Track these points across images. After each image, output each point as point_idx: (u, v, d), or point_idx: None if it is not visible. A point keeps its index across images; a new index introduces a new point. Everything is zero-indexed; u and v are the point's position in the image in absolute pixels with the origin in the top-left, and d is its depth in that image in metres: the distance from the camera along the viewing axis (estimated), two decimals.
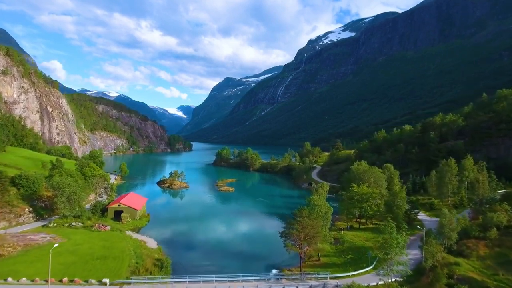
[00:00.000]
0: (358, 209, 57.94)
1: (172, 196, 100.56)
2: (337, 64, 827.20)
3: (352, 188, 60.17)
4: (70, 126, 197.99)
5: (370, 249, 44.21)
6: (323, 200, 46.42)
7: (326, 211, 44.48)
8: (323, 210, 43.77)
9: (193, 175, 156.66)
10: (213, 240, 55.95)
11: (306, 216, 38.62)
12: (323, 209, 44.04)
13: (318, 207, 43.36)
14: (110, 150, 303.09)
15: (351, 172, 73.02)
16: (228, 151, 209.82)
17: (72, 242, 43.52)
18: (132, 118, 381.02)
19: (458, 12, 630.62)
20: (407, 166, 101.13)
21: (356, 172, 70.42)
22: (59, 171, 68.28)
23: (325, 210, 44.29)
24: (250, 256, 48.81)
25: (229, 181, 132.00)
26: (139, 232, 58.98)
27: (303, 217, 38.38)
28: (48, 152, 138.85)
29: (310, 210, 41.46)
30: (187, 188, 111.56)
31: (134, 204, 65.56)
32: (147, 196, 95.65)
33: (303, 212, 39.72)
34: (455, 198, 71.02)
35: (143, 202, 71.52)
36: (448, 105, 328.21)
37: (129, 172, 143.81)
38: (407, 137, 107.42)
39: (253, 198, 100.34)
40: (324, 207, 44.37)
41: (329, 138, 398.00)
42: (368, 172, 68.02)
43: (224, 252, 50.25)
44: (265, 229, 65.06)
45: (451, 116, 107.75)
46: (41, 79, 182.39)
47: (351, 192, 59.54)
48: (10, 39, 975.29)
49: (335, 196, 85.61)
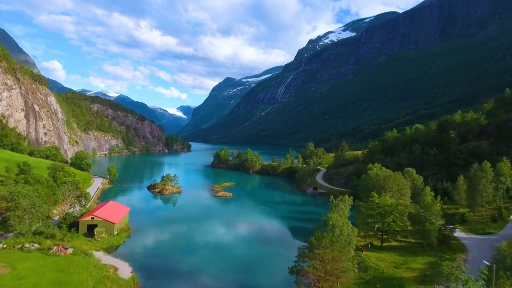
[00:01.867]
0: (380, 224, 47.55)
1: (161, 203, 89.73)
2: (338, 64, 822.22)
3: (373, 198, 49.70)
4: (59, 125, 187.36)
5: (405, 282, 33.87)
6: (344, 218, 35.56)
7: (348, 233, 33.68)
8: (344, 232, 32.97)
9: (188, 178, 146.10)
10: (203, 265, 45.36)
11: (326, 246, 28.26)
12: (345, 230, 33.24)
13: (338, 228, 32.57)
14: (105, 151, 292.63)
15: (369, 178, 62.10)
16: (227, 152, 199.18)
17: (14, 275, 32.94)
18: (128, 117, 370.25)
19: (459, 12, 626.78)
20: (424, 169, 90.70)
21: (375, 179, 59.67)
22: (25, 177, 57.79)
23: (347, 231, 33.45)
24: None
25: (227, 185, 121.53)
26: (115, 251, 48.51)
27: (323, 247, 28.02)
28: (30, 154, 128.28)
29: (331, 237, 30.70)
30: (180, 193, 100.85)
31: (111, 217, 55.02)
32: (134, 203, 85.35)
33: (322, 241, 29.28)
34: (489, 208, 60.84)
35: (124, 213, 60.98)
36: (452, 104, 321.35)
37: (120, 175, 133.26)
38: (423, 137, 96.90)
39: (253, 206, 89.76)
40: (347, 229, 33.57)
41: (330, 138, 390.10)
42: (390, 178, 57.34)
43: (217, 280, 39.80)
44: (268, 248, 54.52)
45: (472, 114, 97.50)
46: (27, 75, 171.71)
47: (371, 203, 49.15)
48: (9, 39, 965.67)
49: None
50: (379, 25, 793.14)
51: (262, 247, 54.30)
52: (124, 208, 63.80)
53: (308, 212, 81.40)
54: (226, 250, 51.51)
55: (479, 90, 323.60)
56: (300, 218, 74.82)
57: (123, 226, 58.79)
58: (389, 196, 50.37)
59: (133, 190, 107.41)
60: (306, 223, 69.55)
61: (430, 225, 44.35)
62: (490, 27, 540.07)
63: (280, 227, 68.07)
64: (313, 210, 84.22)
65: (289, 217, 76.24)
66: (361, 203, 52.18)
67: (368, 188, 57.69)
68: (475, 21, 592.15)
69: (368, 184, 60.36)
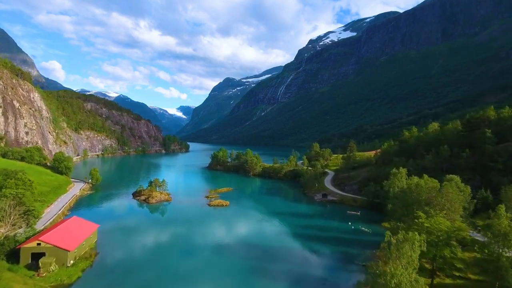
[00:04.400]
0: (432, 255, 33.98)
1: (144, 216, 75.06)
2: (338, 63, 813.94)
3: (419, 219, 35.96)
4: (43, 124, 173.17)
5: None
6: (413, 272, 20.91)
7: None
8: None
9: (181, 182, 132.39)
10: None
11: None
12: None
13: None
14: (98, 152, 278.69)
15: (409, 191, 46.40)
16: (225, 152, 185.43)
17: None
18: (124, 116, 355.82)
19: (461, 11, 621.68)
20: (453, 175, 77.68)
21: (416, 192, 45.00)
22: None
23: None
24: None
25: (224, 191, 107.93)
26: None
27: None
28: (4, 155, 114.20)
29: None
30: (168, 202, 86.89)
31: (65, 241, 41.28)
32: (112, 215, 71.62)
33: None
34: None
35: (89, 233, 47.24)
36: (456, 104, 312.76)
37: (105, 179, 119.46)
38: (451, 137, 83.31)
39: (253, 219, 75.28)
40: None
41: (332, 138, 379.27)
42: (435, 190, 42.98)
43: None
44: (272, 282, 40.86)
45: (508, 109, 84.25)
46: (7, 69, 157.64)
47: (417, 226, 35.55)
48: (8, 38, 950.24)
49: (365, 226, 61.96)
50: (380, 24, 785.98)
51: (262, 282, 40.56)
52: (89, 226, 49.99)
53: (321, 228, 67.37)
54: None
55: (484, 89, 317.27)
56: (312, 237, 60.73)
57: (86, 251, 45.07)
58: (442, 217, 36.53)
59: (115, 197, 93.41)
60: (320, 244, 55.99)
61: (506, 260, 31.08)
62: (492, 27, 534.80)
63: (286, 250, 53.31)
64: (326, 224, 70.43)
65: (297, 235, 62.34)
66: (400, 223, 38.50)
67: (407, 203, 43.91)
68: (477, 20, 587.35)
69: (407, 199, 45.89)
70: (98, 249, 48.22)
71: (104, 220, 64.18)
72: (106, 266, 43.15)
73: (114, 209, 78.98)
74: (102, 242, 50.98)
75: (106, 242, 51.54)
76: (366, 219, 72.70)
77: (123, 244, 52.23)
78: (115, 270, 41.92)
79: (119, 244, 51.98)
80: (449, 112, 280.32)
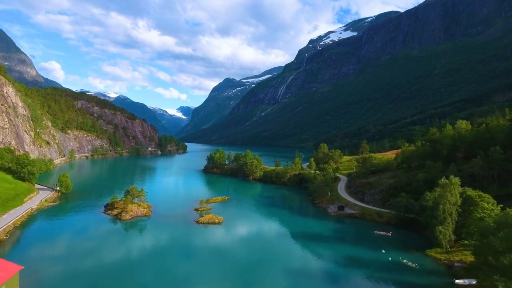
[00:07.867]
0: None
1: (107, 243, 53.82)
2: (339, 63, 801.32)
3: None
4: (18, 122, 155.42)
5: None
6: None
7: None
8: None
9: (169, 189, 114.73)
10: None
11: None
12: None
13: None
14: (87, 153, 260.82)
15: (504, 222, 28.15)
16: (223, 154, 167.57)
17: None
18: (117, 116, 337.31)
19: (464, 10, 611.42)
20: (509, 184, 61.07)
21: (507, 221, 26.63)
22: None
23: None
24: None
25: (219, 200, 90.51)
26: None
27: None
28: None
29: None
30: (147, 217, 69.20)
31: None
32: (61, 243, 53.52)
33: None
34: None
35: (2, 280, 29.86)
36: (462, 103, 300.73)
37: (80, 185, 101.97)
38: (502, 136, 65.79)
39: (252, 245, 55.92)
40: None
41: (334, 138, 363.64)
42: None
43: None
44: None
45: None
46: None
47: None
48: (7, 38, 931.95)
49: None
50: (381, 24, 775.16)
51: None
52: (7, 268, 32.35)
53: (345, 260, 48.92)
54: None
55: (490, 89, 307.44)
56: (334, 277, 43.61)
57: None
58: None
59: (83, 211, 75.37)
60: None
61: None
62: (496, 26, 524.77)
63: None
64: (351, 253, 51.40)
65: (313, 273, 44.78)
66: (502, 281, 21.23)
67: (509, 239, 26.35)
68: (480, 19, 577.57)
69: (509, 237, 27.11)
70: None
71: (46, 250, 46.77)
72: None
73: (72, 230, 60.14)
74: None
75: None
76: (400, 243, 55.49)
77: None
78: None
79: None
80: (455, 111, 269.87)
